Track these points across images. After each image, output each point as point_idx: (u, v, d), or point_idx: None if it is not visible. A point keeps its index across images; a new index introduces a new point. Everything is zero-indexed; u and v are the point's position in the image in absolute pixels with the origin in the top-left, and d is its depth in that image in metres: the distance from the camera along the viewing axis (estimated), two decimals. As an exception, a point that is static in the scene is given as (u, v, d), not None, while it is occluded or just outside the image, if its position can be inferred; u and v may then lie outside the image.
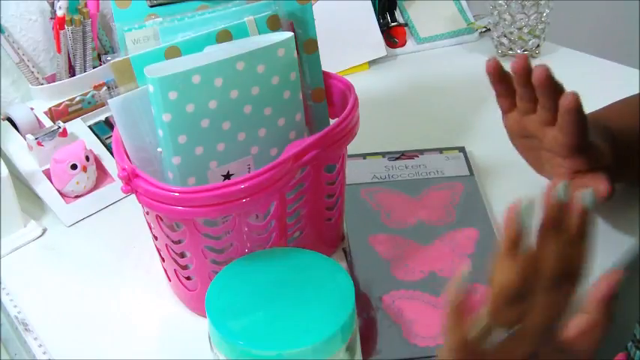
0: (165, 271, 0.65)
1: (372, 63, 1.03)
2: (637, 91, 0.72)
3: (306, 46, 0.63)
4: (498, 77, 0.64)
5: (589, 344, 0.54)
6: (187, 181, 0.57)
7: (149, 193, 0.54)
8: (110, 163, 0.79)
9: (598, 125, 0.66)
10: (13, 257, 0.72)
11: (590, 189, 0.46)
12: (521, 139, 0.68)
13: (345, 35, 1.01)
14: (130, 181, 0.54)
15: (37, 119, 0.81)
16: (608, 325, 0.51)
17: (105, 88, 0.83)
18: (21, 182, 0.78)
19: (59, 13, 0.80)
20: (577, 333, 0.48)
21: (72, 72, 0.84)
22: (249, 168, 0.60)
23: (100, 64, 0.86)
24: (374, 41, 1.03)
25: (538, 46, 1.01)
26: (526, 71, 0.61)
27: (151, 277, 0.68)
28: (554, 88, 0.61)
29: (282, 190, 0.57)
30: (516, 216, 0.44)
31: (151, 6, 0.59)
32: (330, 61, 0.68)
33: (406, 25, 1.09)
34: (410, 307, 0.60)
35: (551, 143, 0.63)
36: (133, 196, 0.56)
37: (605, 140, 0.65)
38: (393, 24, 1.08)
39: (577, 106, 0.59)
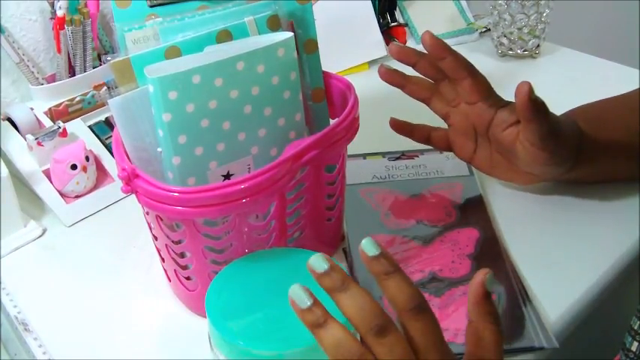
0: (165, 271, 0.65)
1: (371, 63, 1.03)
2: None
3: (306, 46, 0.63)
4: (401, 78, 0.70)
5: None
6: (187, 181, 0.57)
7: (149, 193, 0.54)
8: (110, 163, 0.79)
9: (565, 119, 0.68)
10: (13, 257, 0.72)
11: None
12: (476, 154, 0.71)
13: (345, 35, 1.01)
14: (130, 181, 0.54)
15: (37, 119, 0.81)
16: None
17: (105, 88, 0.83)
18: (21, 182, 0.78)
19: (59, 13, 0.80)
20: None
21: (72, 72, 0.84)
22: (249, 168, 0.60)
23: (100, 64, 0.86)
24: (374, 41, 1.03)
25: (538, 46, 1.01)
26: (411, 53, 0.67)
27: (150, 277, 0.68)
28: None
29: (282, 191, 0.57)
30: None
31: (151, 6, 0.59)
32: (330, 61, 0.68)
33: (406, 25, 1.09)
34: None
35: (463, 96, 0.67)
36: (133, 196, 0.56)
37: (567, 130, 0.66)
38: (393, 24, 1.08)
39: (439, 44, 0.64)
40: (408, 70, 0.69)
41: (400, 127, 0.72)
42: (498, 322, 0.43)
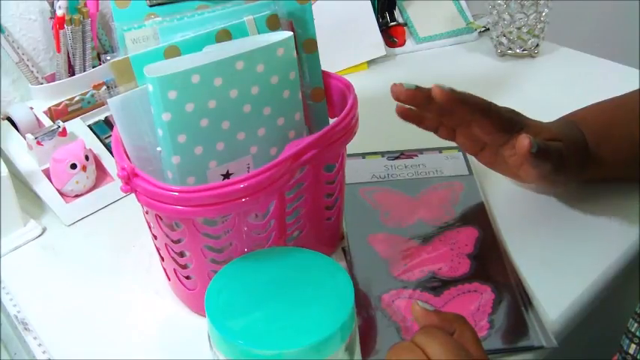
0: (165, 270, 0.65)
1: (371, 62, 1.03)
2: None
3: (306, 45, 0.63)
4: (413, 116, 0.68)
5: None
6: (187, 180, 0.57)
7: (148, 193, 0.54)
8: (110, 163, 0.79)
9: (567, 121, 0.69)
10: (12, 257, 0.72)
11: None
12: (481, 155, 0.70)
13: (345, 35, 1.01)
14: (130, 181, 0.55)
15: (37, 119, 0.81)
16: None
17: (104, 87, 0.83)
18: (21, 182, 0.78)
19: (59, 12, 0.80)
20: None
21: (71, 71, 0.84)
22: (249, 167, 0.60)
23: (100, 64, 0.86)
24: (373, 41, 1.03)
25: (537, 45, 1.01)
26: (416, 97, 0.64)
27: (150, 276, 0.68)
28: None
29: (282, 190, 0.57)
30: None
31: (151, 5, 0.59)
32: (330, 61, 0.68)
33: (405, 24, 1.09)
34: (409, 307, 0.60)
35: (479, 131, 0.65)
36: (133, 195, 0.56)
37: (568, 131, 0.67)
38: (392, 23, 1.08)
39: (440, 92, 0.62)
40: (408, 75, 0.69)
41: (408, 115, 0.67)
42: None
